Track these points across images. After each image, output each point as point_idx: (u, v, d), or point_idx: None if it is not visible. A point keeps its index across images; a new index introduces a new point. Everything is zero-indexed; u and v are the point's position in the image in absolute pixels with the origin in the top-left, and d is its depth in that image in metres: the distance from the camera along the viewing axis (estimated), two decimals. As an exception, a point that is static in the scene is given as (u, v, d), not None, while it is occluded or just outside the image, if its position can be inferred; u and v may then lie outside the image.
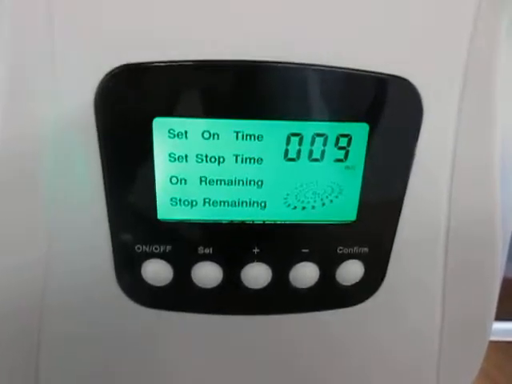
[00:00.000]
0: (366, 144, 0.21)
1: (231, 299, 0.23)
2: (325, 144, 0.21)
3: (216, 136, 0.20)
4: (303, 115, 0.20)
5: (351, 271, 0.23)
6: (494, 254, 0.24)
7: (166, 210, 0.21)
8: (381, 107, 0.20)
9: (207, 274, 0.22)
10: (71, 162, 0.20)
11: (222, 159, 0.20)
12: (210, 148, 0.20)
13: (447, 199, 0.23)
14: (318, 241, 0.23)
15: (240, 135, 0.20)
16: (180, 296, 0.23)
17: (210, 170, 0.21)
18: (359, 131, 0.21)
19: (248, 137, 0.20)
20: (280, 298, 0.23)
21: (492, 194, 0.23)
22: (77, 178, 0.20)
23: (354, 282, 0.24)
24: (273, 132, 0.20)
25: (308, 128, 0.20)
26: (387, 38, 0.19)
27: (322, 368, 0.26)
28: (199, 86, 0.19)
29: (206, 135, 0.20)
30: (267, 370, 0.26)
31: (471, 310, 0.26)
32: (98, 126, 0.19)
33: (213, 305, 0.23)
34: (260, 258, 0.22)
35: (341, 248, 0.23)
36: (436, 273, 0.24)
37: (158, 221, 0.21)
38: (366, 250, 0.23)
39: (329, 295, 0.24)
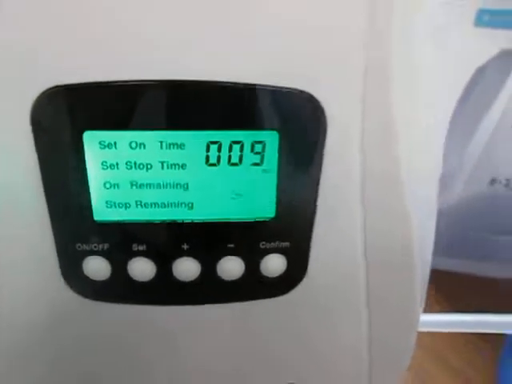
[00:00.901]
0: (277, 150, 0.23)
1: (165, 291, 0.26)
2: (241, 150, 0.23)
3: (142, 146, 0.23)
4: (220, 125, 0.23)
5: (274, 264, 0.26)
6: (411, 260, 0.26)
7: (101, 212, 0.24)
8: (287, 118, 0.23)
9: (141, 268, 0.25)
10: (13, 174, 0.23)
11: (149, 166, 0.23)
12: (138, 156, 0.23)
13: (360, 210, 0.25)
14: (242, 236, 0.25)
15: (164, 144, 0.23)
16: (119, 289, 0.26)
17: (140, 175, 0.23)
18: (271, 138, 0.23)
19: (171, 145, 0.23)
20: (209, 290, 0.26)
21: (402, 207, 0.25)
22: (18, 188, 0.23)
23: (277, 275, 0.26)
24: (193, 141, 0.23)
25: (225, 136, 0.23)
26: (288, 53, 0.21)
27: (248, 359, 0.29)
28: (124, 102, 0.22)
29: (133, 145, 0.23)
30: (196, 357, 0.28)
31: (396, 307, 0.28)
32: (36, 140, 0.22)
33: (149, 297, 0.26)
34: (189, 253, 0.25)
35: (263, 243, 0.25)
36: (357, 278, 0.26)
37: (95, 222, 0.24)
38: (287, 244, 0.25)
39: (254, 287, 0.26)
